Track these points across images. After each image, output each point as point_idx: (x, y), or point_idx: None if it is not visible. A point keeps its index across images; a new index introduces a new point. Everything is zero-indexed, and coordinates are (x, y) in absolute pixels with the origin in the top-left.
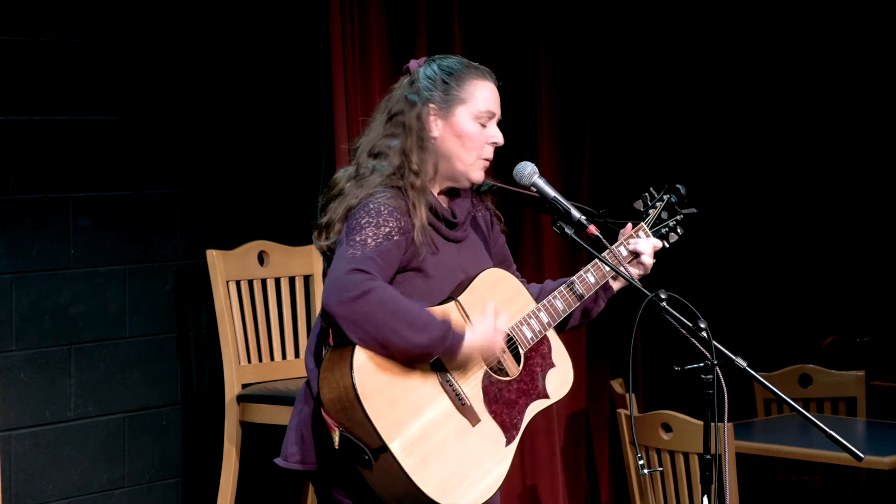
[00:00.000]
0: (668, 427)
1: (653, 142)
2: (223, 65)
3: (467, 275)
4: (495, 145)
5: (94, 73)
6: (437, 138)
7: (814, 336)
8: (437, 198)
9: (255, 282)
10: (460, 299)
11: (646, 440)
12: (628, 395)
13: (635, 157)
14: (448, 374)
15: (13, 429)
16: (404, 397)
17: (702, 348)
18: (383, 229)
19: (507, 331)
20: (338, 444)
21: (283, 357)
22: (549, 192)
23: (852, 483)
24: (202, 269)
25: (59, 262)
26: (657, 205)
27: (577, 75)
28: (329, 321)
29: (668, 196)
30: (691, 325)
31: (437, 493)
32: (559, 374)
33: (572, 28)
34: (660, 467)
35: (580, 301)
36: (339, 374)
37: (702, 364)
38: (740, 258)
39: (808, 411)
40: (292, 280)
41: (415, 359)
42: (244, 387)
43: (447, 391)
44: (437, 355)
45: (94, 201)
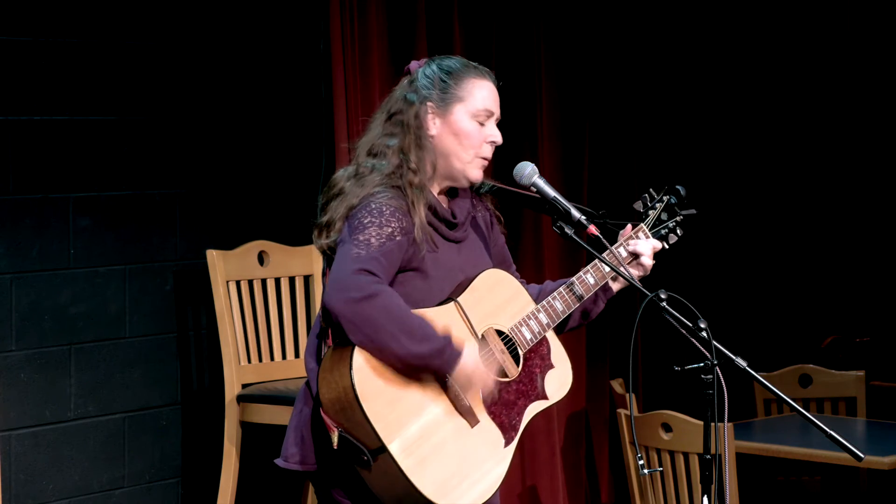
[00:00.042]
0: (668, 427)
1: (653, 142)
2: (223, 65)
3: (467, 275)
4: (494, 144)
5: (94, 73)
6: (434, 136)
7: (814, 336)
8: (437, 198)
9: (255, 282)
10: (460, 300)
11: (646, 440)
12: (628, 395)
13: (635, 157)
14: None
15: (13, 429)
16: (403, 398)
17: (702, 348)
18: (386, 229)
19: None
20: (336, 444)
21: (283, 357)
22: (549, 192)
23: (852, 483)
24: (202, 269)
25: (59, 262)
26: (657, 206)
27: (577, 75)
28: (330, 320)
29: (668, 197)
30: (691, 325)
31: (435, 494)
32: (558, 376)
33: (572, 28)
34: (660, 467)
35: (579, 302)
36: (339, 375)
37: (702, 364)
38: (740, 258)
39: (808, 411)
40: (292, 280)
41: (409, 368)
42: (244, 387)
43: (446, 392)
44: (433, 368)
45: (94, 201)
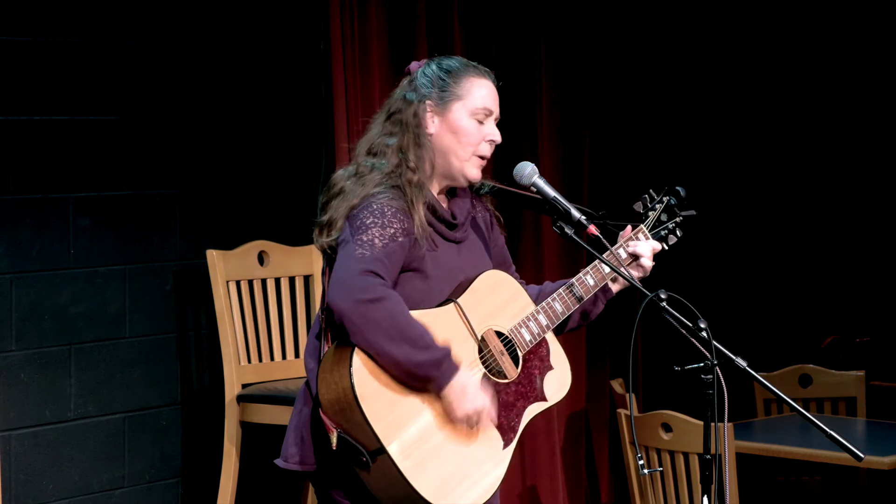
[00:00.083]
0: (668, 427)
1: (653, 142)
2: (223, 65)
3: (467, 276)
4: (493, 144)
5: (94, 73)
6: (433, 135)
7: (814, 336)
8: (437, 197)
9: (255, 282)
10: (459, 301)
11: (646, 440)
12: (628, 395)
13: (635, 158)
14: None
15: (13, 429)
16: (403, 400)
17: (702, 348)
18: (388, 230)
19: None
20: (336, 444)
21: (283, 357)
22: (549, 192)
23: (852, 483)
24: (202, 269)
25: (59, 262)
26: (657, 207)
27: (577, 75)
28: (332, 319)
29: (668, 198)
30: (691, 325)
31: (434, 495)
32: (557, 377)
33: (572, 28)
34: (660, 467)
35: (579, 303)
36: (338, 376)
37: (702, 364)
38: (740, 259)
39: (808, 411)
40: (292, 280)
41: (405, 375)
42: (244, 387)
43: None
44: (430, 378)
45: (94, 201)
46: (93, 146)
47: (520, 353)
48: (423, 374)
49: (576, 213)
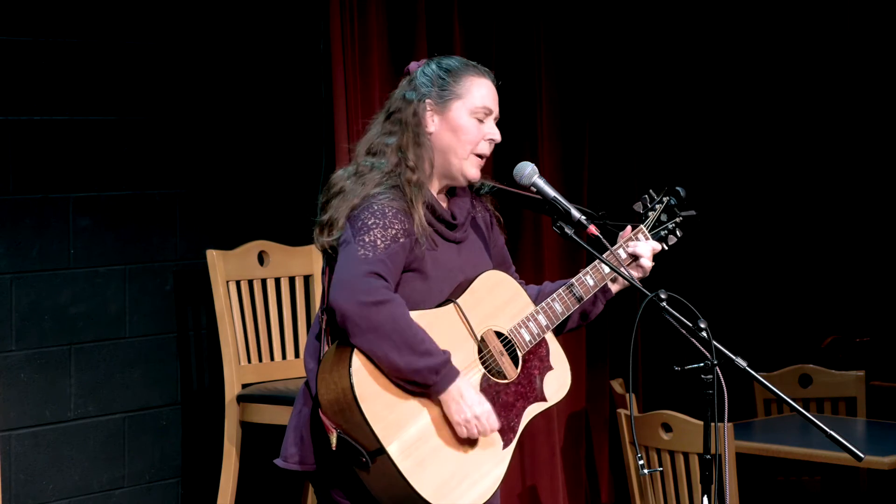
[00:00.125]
0: (668, 427)
1: (653, 142)
2: (223, 65)
3: (466, 276)
4: (492, 143)
5: (94, 73)
6: (433, 134)
7: (814, 336)
8: (436, 197)
9: (255, 282)
10: (459, 301)
11: (646, 440)
12: (628, 395)
13: (635, 158)
14: None
15: (13, 429)
16: (402, 400)
17: (702, 348)
18: (390, 231)
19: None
20: (335, 445)
21: (283, 357)
22: (549, 192)
23: (852, 483)
24: (202, 269)
25: (59, 262)
26: (657, 207)
27: (577, 75)
28: (334, 319)
29: (668, 198)
30: (691, 325)
31: (434, 495)
32: (557, 377)
33: (572, 28)
34: (660, 467)
35: (579, 303)
36: (338, 376)
37: (702, 364)
38: (740, 259)
39: (808, 411)
40: (292, 280)
41: (404, 380)
42: (244, 387)
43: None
44: (429, 385)
45: (94, 201)
46: (93, 146)
47: (519, 354)
48: (422, 380)
49: (576, 213)
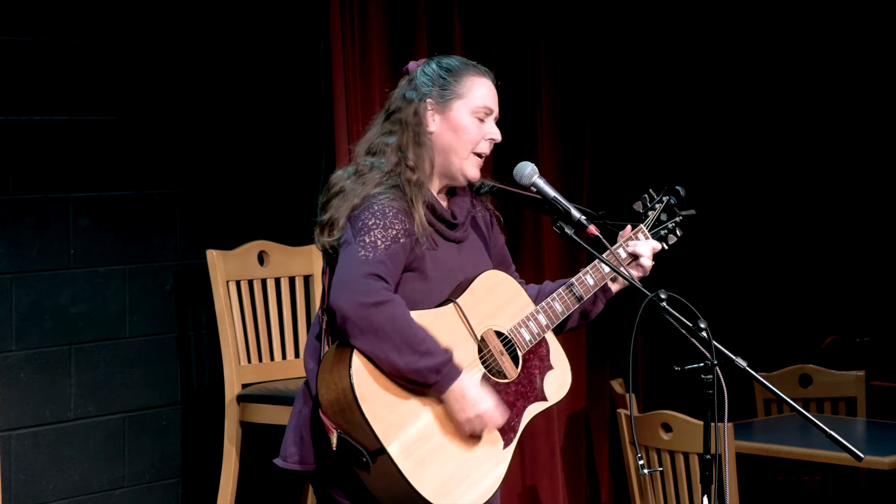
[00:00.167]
0: (668, 427)
1: (653, 142)
2: (223, 65)
3: (466, 276)
4: (493, 142)
5: (94, 73)
6: (433, 133)
7: (814, 336)
8: (436, 197)
9: (255, 282)
10: (459, 301)
11: (646, 440)
12: (628, 395)
13: (635, 158)
14: None
15: (13, 429)
16: (402, 400)
17: (702, 348)
18: (391, 231)
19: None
20: (335, 445)
21: (283, 357)
22: (549, 192)
23: (852, 483)
24: (202, 269)
25: (59, 262)
26: (656, 206)
27: (577, 75)
28: (334, 320)
29: (668, 198)
30: (691, 325)
31: (434, 495)
32: (557, 377)
33: (572, 28)
34: (660, 467)
35: (579, 303)
36: (338, 376)
37: (702, 364)
38: (740, 259)
39: (808, 411)
40: (292, 280)
41: (405, 380)
42: (244, 387)
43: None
44: (430, 384)
45: (94, 201)
46: (93, 146)
47: (519, 353)
48: (423, 380)
49: (576, 213)
